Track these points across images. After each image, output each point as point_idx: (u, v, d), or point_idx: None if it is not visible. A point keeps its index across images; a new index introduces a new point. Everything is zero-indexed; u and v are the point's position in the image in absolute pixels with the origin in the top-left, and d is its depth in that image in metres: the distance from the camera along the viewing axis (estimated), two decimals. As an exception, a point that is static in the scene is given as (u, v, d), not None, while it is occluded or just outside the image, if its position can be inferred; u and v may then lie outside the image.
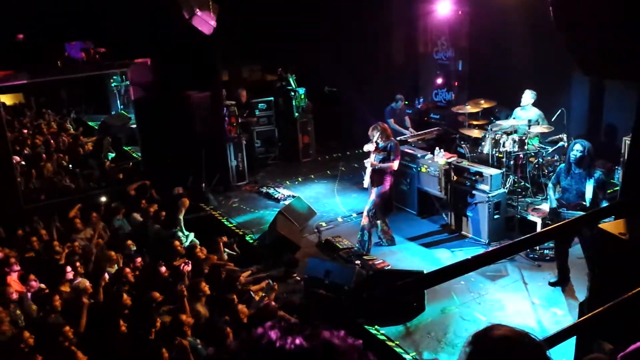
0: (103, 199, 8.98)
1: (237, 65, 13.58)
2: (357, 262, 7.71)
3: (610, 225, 3.57)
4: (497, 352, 1.42)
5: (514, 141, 8.68)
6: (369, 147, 7.94)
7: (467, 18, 11.30)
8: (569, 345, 3.99)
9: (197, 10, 8.90)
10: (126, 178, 10.70)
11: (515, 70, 10.14)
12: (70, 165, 11.34)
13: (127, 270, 6.64)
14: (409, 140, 10.09)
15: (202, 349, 5.43)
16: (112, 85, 16.65)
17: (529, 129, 8.81)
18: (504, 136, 8.83)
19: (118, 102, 16.67)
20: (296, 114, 12.24)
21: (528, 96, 9.19)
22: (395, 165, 7.96)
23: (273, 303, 6.28)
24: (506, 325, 1.32)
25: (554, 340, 2.91)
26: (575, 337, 3.90)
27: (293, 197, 10.06)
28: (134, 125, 12.64)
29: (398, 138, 9.36)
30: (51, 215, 8.17)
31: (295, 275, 7.59)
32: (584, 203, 6.70)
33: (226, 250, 7.96)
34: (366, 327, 6.44)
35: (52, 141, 12.16)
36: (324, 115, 12.65)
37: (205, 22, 9.04)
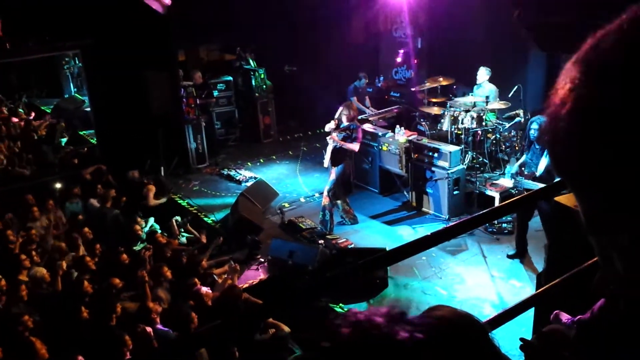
0: (58, 185, 8.72)
1: (194, 45, 13.27)
2: (321, 241, 7.73)
3: (566, 198, 3.65)
4: (437, 331, 1.43)
5: (472, 118, 8.80)
6: (330, 125, 7.93)
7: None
8: (528, 317, 4.09)
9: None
10: (81, 163, 10.40)
11: (473, 47, 10.22)
12: (23, 152, 10.94)
13: (88, 258, 6.50)
14: (370, 119, 10.11)
15: (171, 334, 5.37)
16: (65, 67, 16.09)
17: (487, 105, 8.94)
18: (462, 113, 8.94)
19: (71, 84, 16.13)
20: (256, 94, 12.09)
21: (483, 73, 9.32)
22: (356, 147, 7.97)
23: (237, 285, 6.26)
24: (448, 306, 1.33)
25: (513, 312, 2.97)
26: (533, 308, 4.00)
27: (255, 178, 9.98)
28: (88, 109, 12.28)
29: (360, 117, 9.37)
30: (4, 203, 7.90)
31: (258, 257, 7.56)
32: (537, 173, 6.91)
33: (184, 233, 7.86)
34: (331, 305, 6.49)
35: (3, 127, 11.70)
36: (284, 95, 12.53)
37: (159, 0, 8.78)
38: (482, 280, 6.92)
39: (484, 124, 8.86)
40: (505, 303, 6.17)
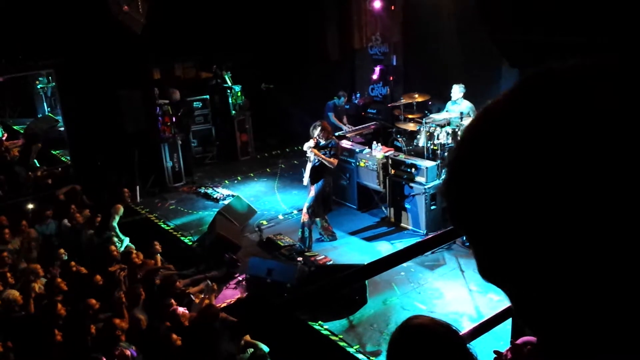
0: (31, 206, 8.58)
1: (170, 63, 13.23)
2: (299, 259, 7.70)
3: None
4: (415, 339, 1.46)
5: (448, 133, 8.90)
6: (309, 144, 7.93)
7: (400, 13, 11.48)
8: (507, 330, 4.12)
9: (125, 7, 8.62)
10: (55, 184, 10.25)
11: (447, 63, 10.38)
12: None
13: (60, 279, 6.37)
14: (347, 135, 10.17)
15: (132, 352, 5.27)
16: (38, 86, 15.89)
17: (462, 121, 9.05)
18: (438, 129, 9.04)
19: (44, 104, 15.93)
20: (233, 112, 12.07)
21: (457, 90, 9.47)
22: (334, 162, 7.99)
23: (215, 304, 6.19)
24: (428, 316, 1.36)
25: (491, 324, 3.00)
26: (510, 319, 4.03)
27: (232, 196, 9.93)
28: (62, 128, 12.13)
29: (336, 133, 9.41)
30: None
31: (236, 275, 7.49)
32: None
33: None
34: (310, 322, 6.45)
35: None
36: (261, 112, 12.54)
37: (133, 18, 8.76)
38: (461, 294, 6.95)
39: (459, 139, 8.96)
40: (484, 317, 6.17)
